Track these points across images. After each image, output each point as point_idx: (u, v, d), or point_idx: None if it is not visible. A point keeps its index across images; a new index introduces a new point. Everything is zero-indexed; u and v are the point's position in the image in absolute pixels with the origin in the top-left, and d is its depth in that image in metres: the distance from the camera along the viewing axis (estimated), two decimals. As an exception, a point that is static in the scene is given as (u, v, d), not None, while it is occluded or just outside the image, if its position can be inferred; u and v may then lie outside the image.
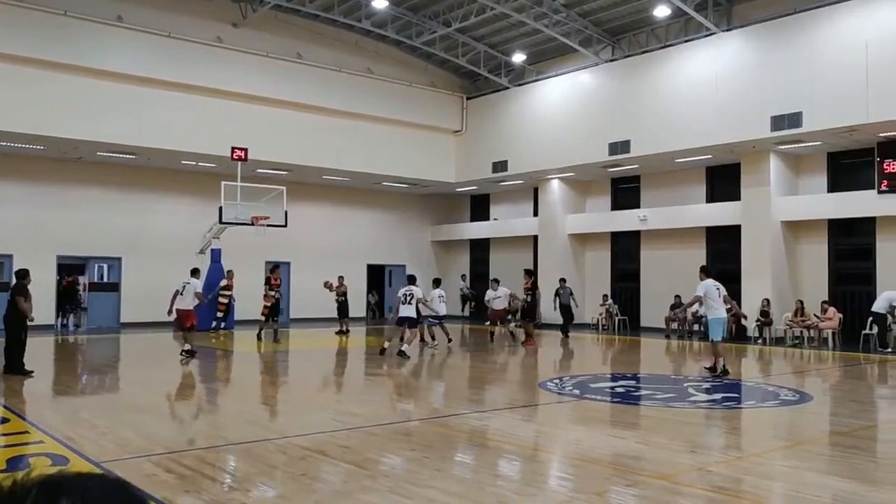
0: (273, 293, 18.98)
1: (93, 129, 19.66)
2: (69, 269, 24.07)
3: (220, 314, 21.68)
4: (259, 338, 18.90)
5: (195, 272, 16.04)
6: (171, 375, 13.13)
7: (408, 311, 15.27)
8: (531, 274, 19.32)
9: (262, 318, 19.02)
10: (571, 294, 21.41)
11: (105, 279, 23.43)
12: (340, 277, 21.11)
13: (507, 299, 19.12)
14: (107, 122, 19.82)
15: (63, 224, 21.90)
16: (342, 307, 20.89)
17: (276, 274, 19.43)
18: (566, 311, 21.05)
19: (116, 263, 23.32)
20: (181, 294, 15.01)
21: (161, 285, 22.91)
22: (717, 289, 12.94)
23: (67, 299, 23.00)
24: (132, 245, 23.09)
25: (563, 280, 21.72)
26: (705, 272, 13.49)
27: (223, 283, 21.68)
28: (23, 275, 12.38)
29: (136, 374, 13.72)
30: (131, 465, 6.37)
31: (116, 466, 6.24)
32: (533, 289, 18.70)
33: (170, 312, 15.22)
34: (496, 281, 19.54)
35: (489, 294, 19.29)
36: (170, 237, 23.36)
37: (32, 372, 11.84)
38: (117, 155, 21.50)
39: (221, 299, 21.62)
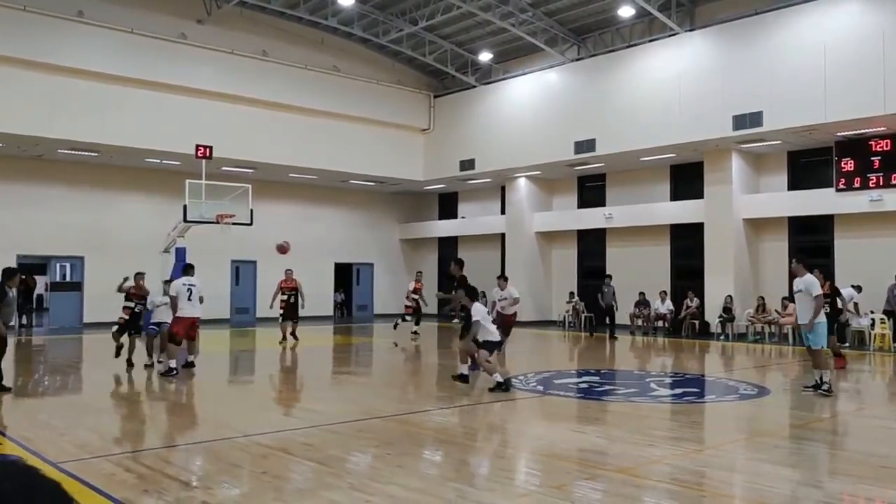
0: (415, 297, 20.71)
1: (54, 126, 19.34)
2: (30, 269, 23.66)
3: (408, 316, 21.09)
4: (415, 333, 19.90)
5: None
6: (132, 376, 12.97)
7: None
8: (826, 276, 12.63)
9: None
10: (614, 294, 20.05)
11: (67, 279, 23.05)
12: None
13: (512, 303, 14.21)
14: (68, 119, 19.52)
15: (23, 223, 21.50)
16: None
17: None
18: (609, 311, 20.00)
19: (79, 263, 22.97)
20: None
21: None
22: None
23: (26, 299, 22.60)
24: (95, 244, 22.76)
25: (608, 277, 20.58)
26: (806, 265, 10.03)
27: (412, 286, 21.09)
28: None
29: (97, 375, 13.52)
30: (90, 465, 6.30)
31: (75, 467, 6.17)
32: (833, 295, 12.61)
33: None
34: (505, 279, 14.98)
35: (496, 293, 14.56)
36: (133, 236, 23.06)
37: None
38: (79, 152, 21.18)
39: (408, 301, 21.03)
